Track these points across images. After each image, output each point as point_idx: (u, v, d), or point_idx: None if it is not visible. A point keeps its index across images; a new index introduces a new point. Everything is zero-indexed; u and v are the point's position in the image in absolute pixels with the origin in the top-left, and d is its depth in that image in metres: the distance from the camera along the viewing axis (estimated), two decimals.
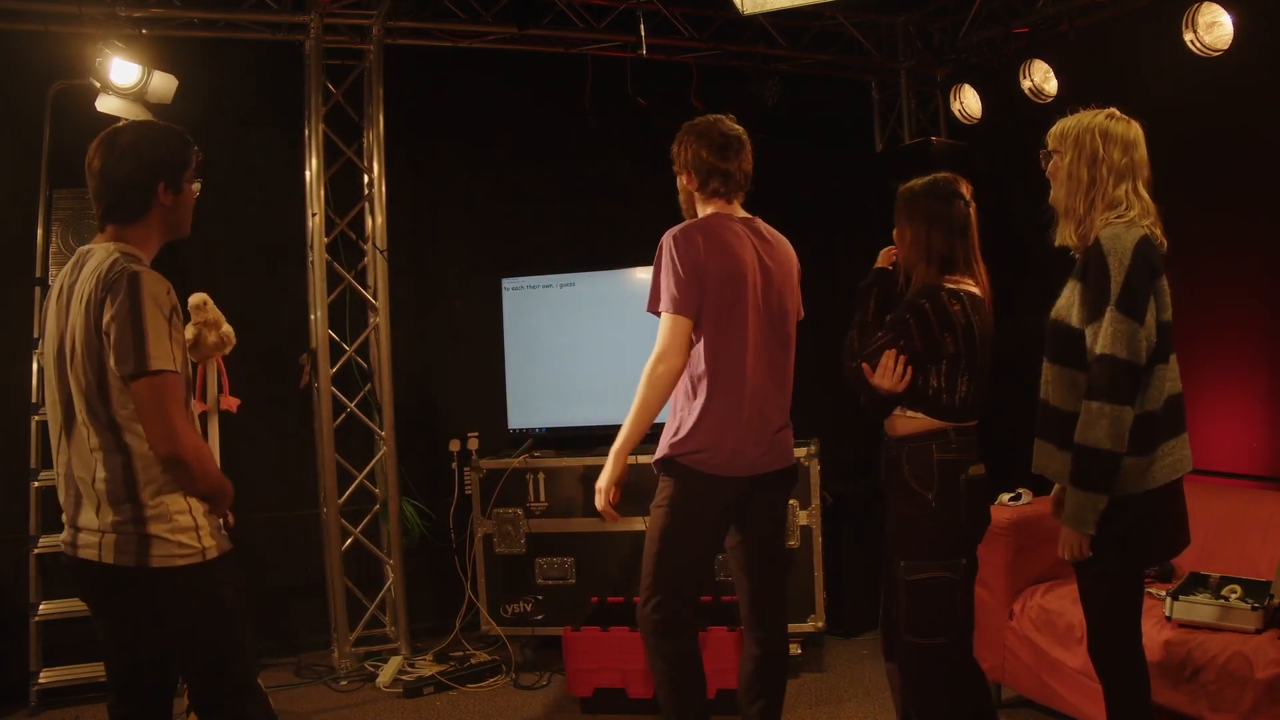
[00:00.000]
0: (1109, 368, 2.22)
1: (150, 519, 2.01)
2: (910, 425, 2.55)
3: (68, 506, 2.11)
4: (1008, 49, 4.63)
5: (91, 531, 2.04)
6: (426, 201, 4.86)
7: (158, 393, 1.97)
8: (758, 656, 2.82)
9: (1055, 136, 2.42)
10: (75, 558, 2.08)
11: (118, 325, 1.95)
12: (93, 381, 2.01)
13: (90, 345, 2.00)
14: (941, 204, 2.58)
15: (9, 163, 4.11)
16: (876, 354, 2.53)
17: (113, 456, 2.02)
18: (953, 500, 2.50)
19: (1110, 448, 2.22)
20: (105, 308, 1.97)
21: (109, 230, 2.12)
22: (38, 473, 3.93)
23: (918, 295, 2.54)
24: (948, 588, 2.51)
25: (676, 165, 2.80)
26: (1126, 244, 2.23)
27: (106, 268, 2.01)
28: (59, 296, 2.11)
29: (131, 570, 2.01)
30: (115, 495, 2.01)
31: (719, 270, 2.63)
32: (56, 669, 3.87)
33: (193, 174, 2.20)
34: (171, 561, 2.02)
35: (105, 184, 2.10)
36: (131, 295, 1.96)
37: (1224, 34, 3.69)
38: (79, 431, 2.05)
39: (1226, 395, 3.94)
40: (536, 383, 4.40)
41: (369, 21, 4.33)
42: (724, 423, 2.65)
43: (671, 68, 4.93)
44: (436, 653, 4.34)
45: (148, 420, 1.98)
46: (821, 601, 3.99)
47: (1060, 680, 3.27)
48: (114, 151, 2.10)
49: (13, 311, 4.04)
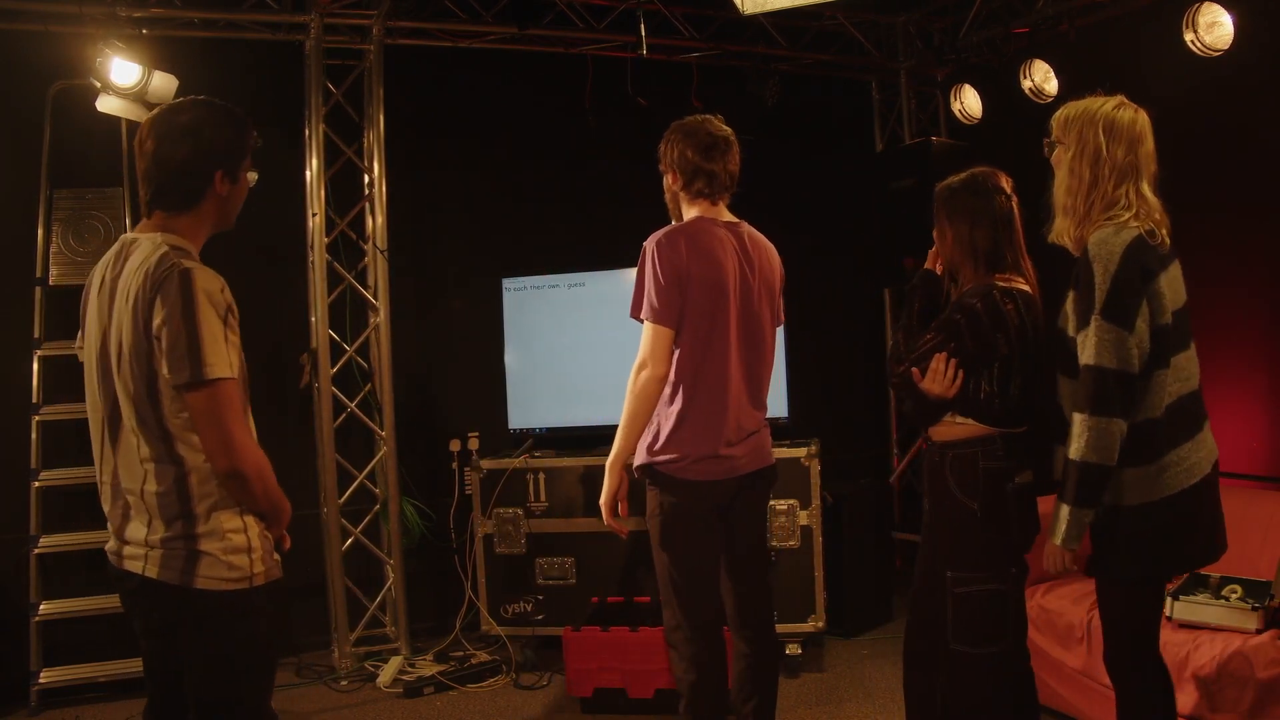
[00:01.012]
0: (1094, 379, 2.15)
1: (202, 536, 1.88)
2: (956, 431, 2.46)
3: (114, 517, 1.98)
4: (1008, 49, 4.63)
5: (138, 545, 1.92)
6: (426, 201, 4.86)
7: (214, 403, 1.81)
8: (748, 655, 2.83)
9: (1060, 124, 2.32)
10: (119, 568, 1.97)
11: (170, 329, 1.78)
12: (141, 388, 1.85)
13: (139, 348, 1.84)
14: (981, 200, 2.49)
15: (9, 163, 4.11)
16: (925, 357, 2.44)
17: (165, 468, 1.87)
18: (999, 510, 2.42)
19: (1097, 460, 2.15)
20: (155, 309, 1.80)
21: (156, 217, 1.95)
22: (38, 473, 3.93)
23: (968, 294, 2.45)
24: (998, 598, 2.44)
25: (663, 164, 2.79)
26: (1114, 248, 2.15)
27: (155, 263, 1.84)
28: (100, 290, 1.94)
29: (175, 587, 1.88)
30: (168, 510, 1.88)
31: (701, 277, 2.62)
32: (56, 669, 3.87)
33: (250, 163, 2.05)
34: (217, 584, 1.88)
35: (157, 167, 1.92)
36: (184, 295, 1.79)
37: (1224, 34, 3.68)
38: (126, 439, 1.91)
39: (1227, 395, 3.94)
40: (536, 383, 4.40)
41: (369, 21, 4.33)
42: (704, 429, 2.65)
43: (672, 68, 4.93)
44: (437, 653, 4.34)
45: (204, 432, 1.83)
46: (821, 601, 3.99)
47: (1060, 680, 3.28)
48: (170, 132, 1.92)
49: (13, 311, 4.04)
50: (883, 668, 4.02)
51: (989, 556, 2.45)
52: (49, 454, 3.99)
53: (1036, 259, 2.55)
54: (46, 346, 4.01)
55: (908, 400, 2.55)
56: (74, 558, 4.07)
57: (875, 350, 5.58)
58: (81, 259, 4.04)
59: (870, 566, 4.55)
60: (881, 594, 4.63)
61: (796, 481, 3.97)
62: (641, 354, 2.63)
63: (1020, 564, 2.50)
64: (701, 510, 2.69)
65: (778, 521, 3.98)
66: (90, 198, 4.10)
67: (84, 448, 4.27)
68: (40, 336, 4.00)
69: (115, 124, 3.97)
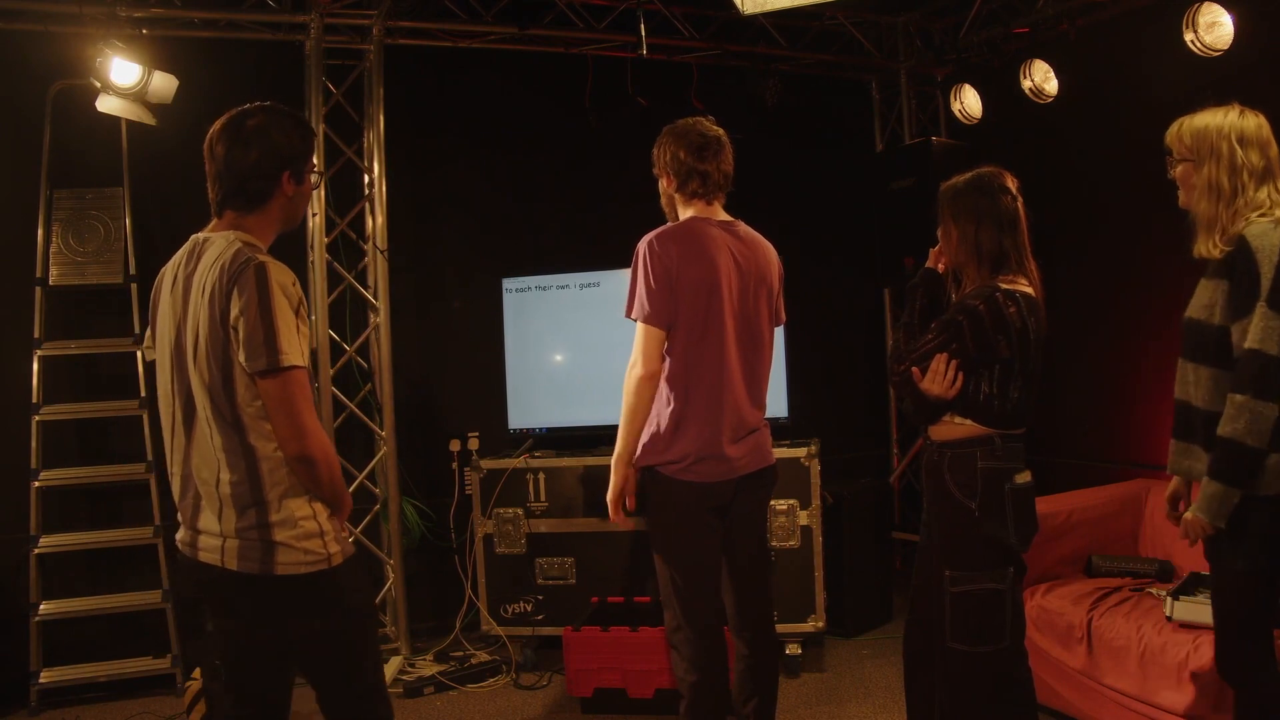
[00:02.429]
0: (1256, 362, 2.18)
1: (275, 525, 1.94)
2: (955, 431, 2.48)
3: (185, 508, 2.03)
4: (1008, 49, 4.63)
5: (213, 535, 1.97)
6: (426, 201, 4.86)
7: (287, 390, 1.89)
8: (747, 656, 2.83)
9: (1185, 141, 2.36)
10: (194, 559, 2.01)
11: (247, 320, 1.87)
12: (217, 377, 1.92)
13: (215, 339, 1.91)
14: (987, 200, 2.48)
15: (9, 163, 4.11)
16: (926, 357, 2.44)
17: (237, 459, 1.94)
18: (997, 510, 2.43)
19: (1252, 444, 2.18)
20: (232, 300, 1.88)
21: (227, 217, 2.03)
22: (38, 472, 3.93)
23: (971, 296, 2.45)
24: (996, 598, 2.45)
25: (657, 168, 2.80)
26: (1275, 241, 2.19)
27: (230, 258, 1.92)
28: (173, 287, 2.02)
29: (255, 577, 1.95)
30: (240, 500, 1.94)
31: (693, 278, 2.62)
32: (56, 669, 3.88)
33: (314, 164, 2.14)
34: (296, 569, 1.95)
35: (228, 170, 2.00)
36: (260, 288, 1.88)
37: (1224, 34, 3.68)
38: (201, 429, 1.97)
39: None
40: (536, 383, 4.40)
41: (369, 21, 4.33)
42: (703, 430, 2.65)
43: (672, 68, 4.93)
44: (437, 653, 4.34)
45: (277, 418, 1.91)
46: (821, 601, 3.99)
47: (1061, 680, 3.28)
48: (240, 136, 2.00)
49: (13, 311, 4.05)
50: (883, 668, 4.02)
51: (987, 556, 2.45)
52: (49, 454, 3.99)
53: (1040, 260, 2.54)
54: (46, 346, 4.01)
55: (907, 399, 2.55)
56: (74, 558, 4.07)
57: (875, 350, 5.58)
58: (81, 259, 4.05)
59: (870, 566, 4.55)
60: (881, 594, 4.63)
61: (796, 481, 3.97)
62: (634, 353, 2.65)
63: (1018, 564, 2.50)
64: (701, 511, 2.69)
65: (778, 521, 3.98)
66: (90, 198, 4.10)
67: (84, 448, 4.31)
68: (40, 336, 4.00)
69: (115, 124, 3.97)
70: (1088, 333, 4.52)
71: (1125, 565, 3.58)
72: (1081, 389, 4.59)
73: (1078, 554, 3.66)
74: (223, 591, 2.03)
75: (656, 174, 2.81)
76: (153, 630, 4.04)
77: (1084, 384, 4.58)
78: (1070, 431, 4.64)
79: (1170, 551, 3.65)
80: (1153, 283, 4.21)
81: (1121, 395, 4.46)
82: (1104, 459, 4.49)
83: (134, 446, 4.09)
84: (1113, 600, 3.29)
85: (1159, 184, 2.37)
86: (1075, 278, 4.48)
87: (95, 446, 4.20)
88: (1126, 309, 4.40)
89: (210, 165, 2.03)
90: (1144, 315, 4.30)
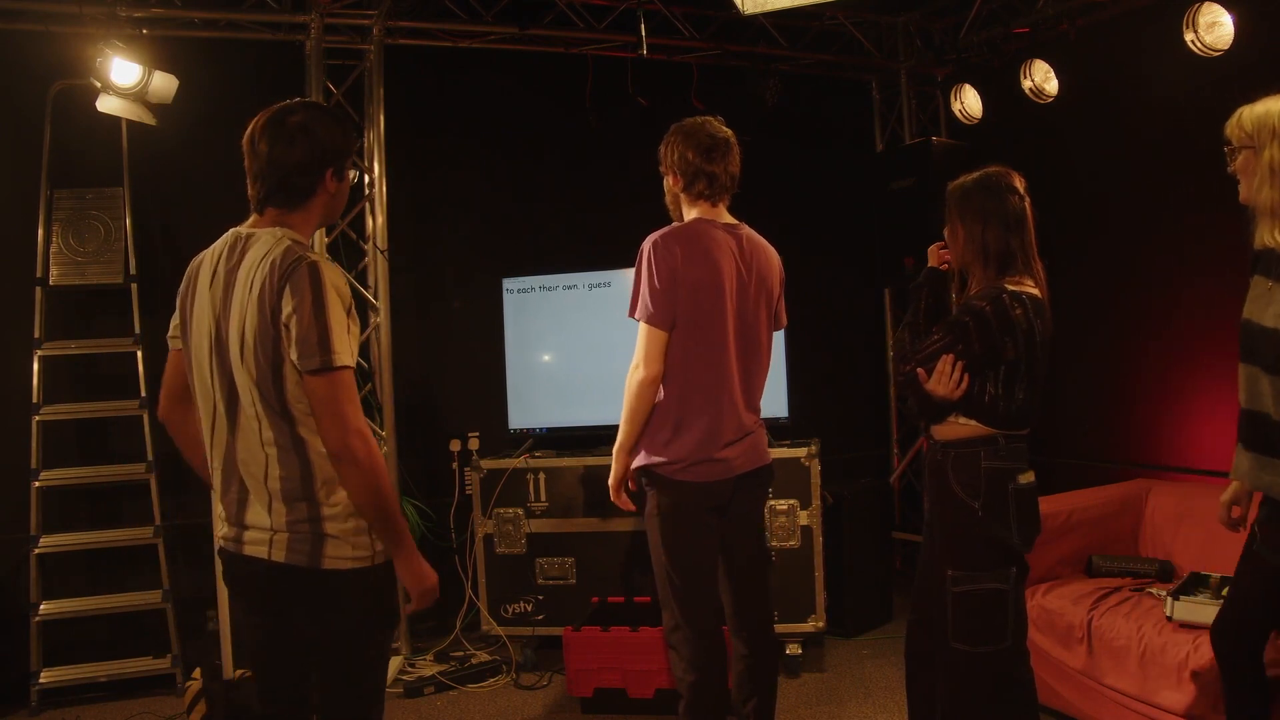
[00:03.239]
0: None
1: (327, 518, 1.95)
2: (959, 431, 2.47)
3: (229, 504, 2.02)
4: (1008, 49, 4.63)
5: (261, 530, 1.96)
6: (426, 201, 4.86)
7: (336, 389, 1.90)
8: (746, 655, 2.83)
9: (1247, 129, 2.30)
10: (239, 554, 2.00)
11: (300, 319, 1.88)
12: (266, 372, 1.92)
13: (264, 335, 1.91)
14: (995, 200, 2.46)
15: (9, 163, 4.11)
16: (932, 358, 2.43)
17: (288, 453, 1.94)
18: (1001, 510, 2.42)
19: None
20: (284, 298, 1.89)
21: (269, 214, 2.03)
22: (38, 472, 3.93)
23: (977, 297, 2.44)
24: (998, 598, 2.44)
25: (663, 166, 2.79)
26: None
27: (280, 255, 1.93)
28: (212, 280, 2.00)
29: (302, 570, 1.94)
30: (291, 493, 1.94)
31: (696, 280, 2.62)
32: (56, 669, 3.88)
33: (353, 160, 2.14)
34: (343, 564, 1.95)
35: (271, 167, 2.00)
36: (314, 287, 1.89)
37: (1224, 34, 3.68)
38: (247, 423, 1.96)
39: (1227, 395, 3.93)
40: (536, 383, 4.40)
41: (369, 21, 4.33)
42: (700, 431, 2.66)
43: (672, 68, 4.93)
44: (437, 653, 4.34)
45: (324, 415, 1.91)
46: (821, 601, 3.99)
47: (1061, 680, 3.28)
48: (283, 133, 2.00)
49: (13, 311, 4.05)
50: (883, 668, 4.02)
51: (990, 556, 2.44)
52: (49, 454, 3.99)
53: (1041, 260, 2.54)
54: (46, 346, 4.01)
55: (912, 399, 2.53)
56: (74, 558, 4.07)
57: (875, 350, 5.59)
58: (81, 259, 4.05)
59: (870, 566, 4.55)
60: (881, 594, 4.63)
61: (796, 481, 3.97)
62: (636, 354, 2.65)
63: (1021, 564, 2.49)
64: (700, 510, 2.70)
65: (778, 521, 3.98)
66: (90, 198, 4.10)
67: (84, 448, 4.31)
68: (40, 336, 4.00)
69: (115, 124, 3.97)
70: (1087, 333, 4.52)
71: (1125, 565, 3.58)
72: (1081, 389, 4.59)
73: (1078, 554, 3.66)
74: (266, 585, 2.00)
75: (662, 171, 2.80)
76: (153, 630, 4.04)
77: (1084, 384, 4.58)
78: (1070, 431, 4.64)
79: (1170, 551, 3.65)
80: (1152, 283, 4.21)
81: (1121, 395, 4.46)
82: (1104, 459, 4.49)
83: (134, 446, 4.09)
84: (1113, 600, 3.29)
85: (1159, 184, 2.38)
86: (1075, 278, 4.48)
87: (95, 446, 4.20)
88: (1126, 309, 4.40)
89: (252, 162, 2.02)
90: (1144, 315, 4.30)
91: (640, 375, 2.63)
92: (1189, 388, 4.12)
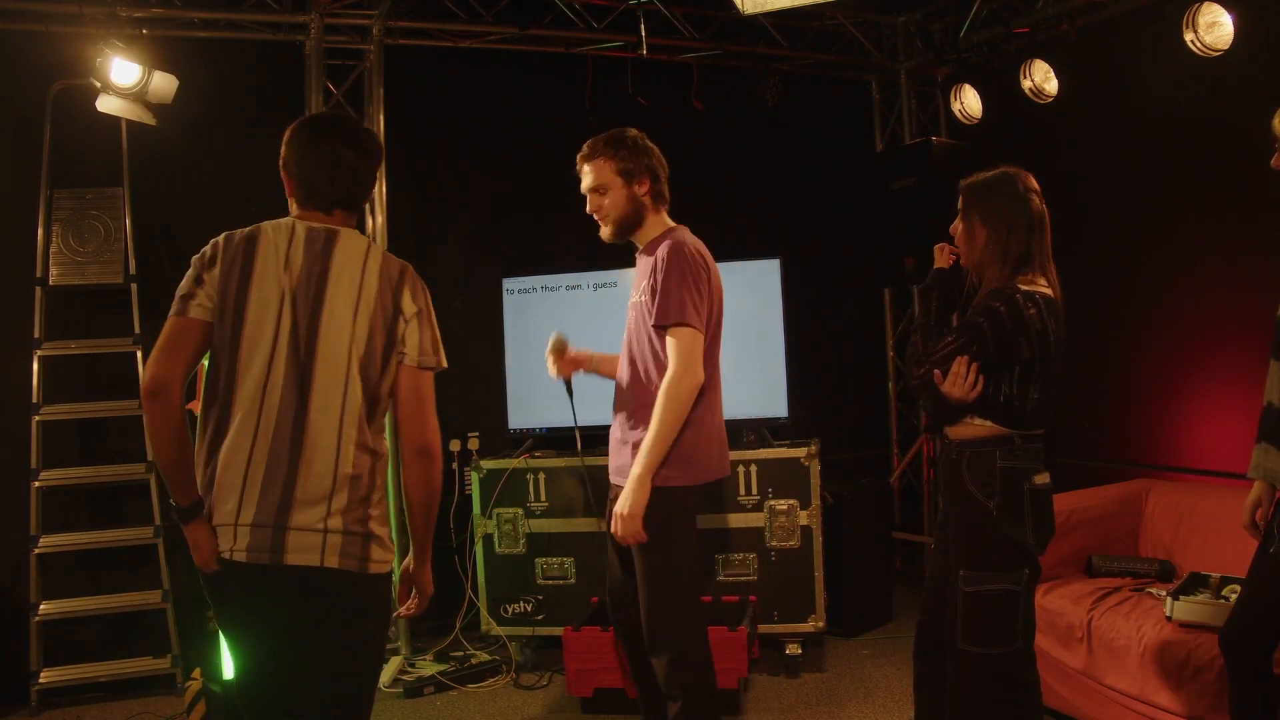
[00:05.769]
0: None
1: (373, 518, 2.01)
2: (974, 430, 2.46)
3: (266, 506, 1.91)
4: (1008, 49, 4.63)
5: (312, 532, 1.92)
6: (426, 201, 4.86)
7: (431, 388, 2.08)
8: None
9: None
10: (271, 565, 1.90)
11: (422, 321, 2.09)
12: (377, 365, 2.03)
13: (374, 332, 2.03)
14: (1019, 203, 2.44)
15: (9, 163, 4.11)
16: (946, 360, 2.42)
17: (364, 451, 2.00)
18: (1015, 510, 2.42)
19: None
20: (404, 299, 2.08)
21: (336, 215, 2.15)
22: (38, 472, 3.93)
23: (990, 297, 2.42)
24: (1009, 600, 2.43)
25: (636, 170, 2.74)
26: None
27: (386, 257, 2.12)
28: (286, 265, 2.03)
29: (351, 575, 1.94)
30: (355, 492, 1.98)
31: (715, 287, 2.69)
32: (56, 669, 3.87)
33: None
34: (383, 567, 2.02)
35: (354, 176, 2.14)
36: (426, 293, 2.13)
37: (1224, 34, 3.69)
38: (322, 418, 1.96)
39: (1227, 395, 3.94)
40: (536, 383, 4.37)
41: (369, 21, 4.34)
42: (712, 432, 2.71)
43: (672, 68, 4.93)
44: (437, 653, 4.34)
45: (415, 412, 2.05)
46: (821, 601, 3.99)
47: (1061, 680, 3.28)
48: (364, 145, 2.16)
49: (13, 311, 4.04)
50: (883, 668, 4.02)
51: (1003, 556, 2.44)
52: (49, 454, 3.99)
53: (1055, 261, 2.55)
54: (46, 346, 4.01)
55: (927, 402, 2.54)
56: (74, 558, 4.07)
57: (875, 350, 5.58)
58: (81, 259, 4.05)
59: (870, 566, 4.55)
60: (881, 594, 4.63)
61: (796, 481, 3.97)
62: (682, 360, 2.57)
63: (1034, 566, 2.48)
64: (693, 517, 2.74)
65: (778, 521, 3.98)
66: (90, 198, 4.10)
67: (84, 448, 4.30)
68: (40, 336, 4.00)
69: (115, 124, 3.97)
70: (1087, 333, 4.51)
71: (1125, 565, 3.58)
72: (1081, 389, 4.59)
73: (1078, 554, 3.66)
74: (301, 596, 1.93)
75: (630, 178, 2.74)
76: (153, 630, 4.03)
77: (1084, 384, 4.58)
78: (1070, 431, 4.64)
79: (1170, 551, 3.65)
80: (1152, 282, 4.21)
81: (1121, 395, 4.46)
82: (1104, 459, 4.49)
83: (134, 446, 4.08)
84: (1113, 600, 3.29)
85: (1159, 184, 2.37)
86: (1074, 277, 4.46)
87: (95, 446, 4.20)
88: (1126, 308, 4.40)
89: (329, 167, 2.10)
90: (1143, 315, 4.30)
91: (690, 381, 2.58)
92: (1189, 388, 4.12)
